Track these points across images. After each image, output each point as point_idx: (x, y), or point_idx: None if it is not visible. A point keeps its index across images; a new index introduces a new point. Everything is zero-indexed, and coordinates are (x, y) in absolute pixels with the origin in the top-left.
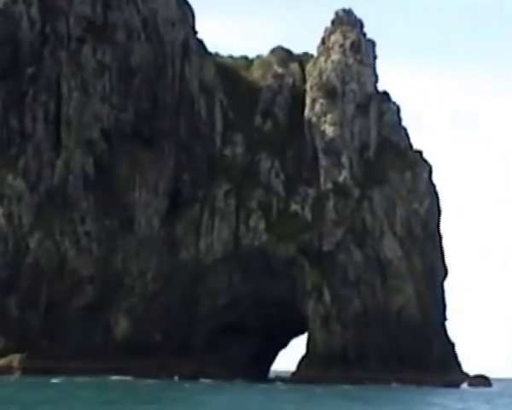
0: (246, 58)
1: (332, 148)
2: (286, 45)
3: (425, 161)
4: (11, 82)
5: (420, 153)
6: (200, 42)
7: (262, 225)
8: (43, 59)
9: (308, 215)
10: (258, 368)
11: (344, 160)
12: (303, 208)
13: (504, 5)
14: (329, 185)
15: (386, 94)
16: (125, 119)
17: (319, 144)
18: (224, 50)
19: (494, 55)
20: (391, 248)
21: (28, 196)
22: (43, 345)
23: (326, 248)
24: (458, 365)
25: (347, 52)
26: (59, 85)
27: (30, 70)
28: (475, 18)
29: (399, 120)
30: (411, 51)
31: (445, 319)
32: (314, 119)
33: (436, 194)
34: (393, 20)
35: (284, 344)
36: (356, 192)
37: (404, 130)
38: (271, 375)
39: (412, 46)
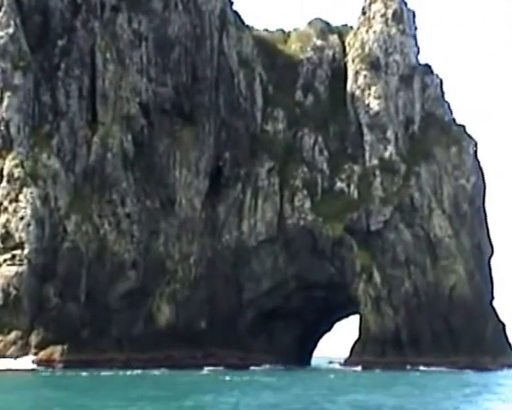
0: (282, 31)
1: (377, 122)
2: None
3: (469, 136)
4: (42, 55)
5: (463, 127)
6: (237, 13)
7: (307, 204)
8: (76, 30)
9: (354, 193)
10: (301, 353)
11: (389, 134)
12: (348, 186)
13: None
14: (375, 161)
15: (428, 66)
16: (164, 93)
17: (363, 119)
18: (259, 23)
19: None
20: (440, 226)
21: (64, 176)
22: (83, 336)
23: (374, 227)
24: (509, 345)
25: (389, 22)
26: (93, 58)
27: (61, 42)
28: None
29: (442, 93)
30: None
31: (493, 298)
32: (357, 92)
33: (481, 169)
34: None
35: (328, 328)
36: (402, 168)
37: (447, 104)
38: (315, 361)
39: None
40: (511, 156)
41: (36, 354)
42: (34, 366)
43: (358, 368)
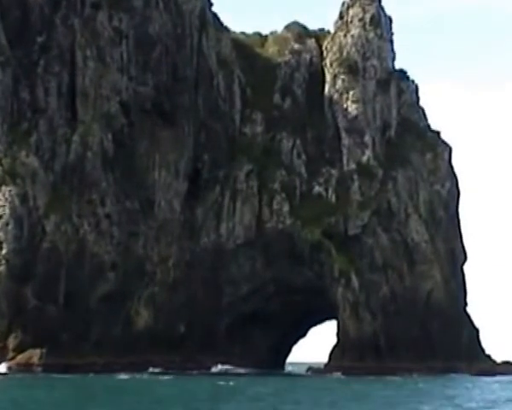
0: (259, 34)
1: (355, 126)
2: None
3: (444, 143)
4: (21, 51)
5: (438, 133)
6: (215, 15)
7: (286, 208)
8: (55, 26)
9: (332, 197)
10: (277, 358)
11: (367, 139)
12: (326, 190)
13: None
14: (353, 166)
15: (403, 72)
16: (145, 92)
17: (341, 123)
18: (236, 26)
19: None
20: (417, 231)
21: (43, 174)
22: (63, 339)
23: (352, 231)
24: (483, 351)
25: (367, 26)
26: (72, 55)
27: (41, 38)
28: None
29: (418, 99)
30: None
31: (466, 304)
32: (336, 96)
33: (455, 175)
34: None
35: (303, 334)
36: (380, 173)
37: (422, 110)
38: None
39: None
40: (484, 163)
41: (14, 357)
42: (8, 371)
43: (339, 373)
